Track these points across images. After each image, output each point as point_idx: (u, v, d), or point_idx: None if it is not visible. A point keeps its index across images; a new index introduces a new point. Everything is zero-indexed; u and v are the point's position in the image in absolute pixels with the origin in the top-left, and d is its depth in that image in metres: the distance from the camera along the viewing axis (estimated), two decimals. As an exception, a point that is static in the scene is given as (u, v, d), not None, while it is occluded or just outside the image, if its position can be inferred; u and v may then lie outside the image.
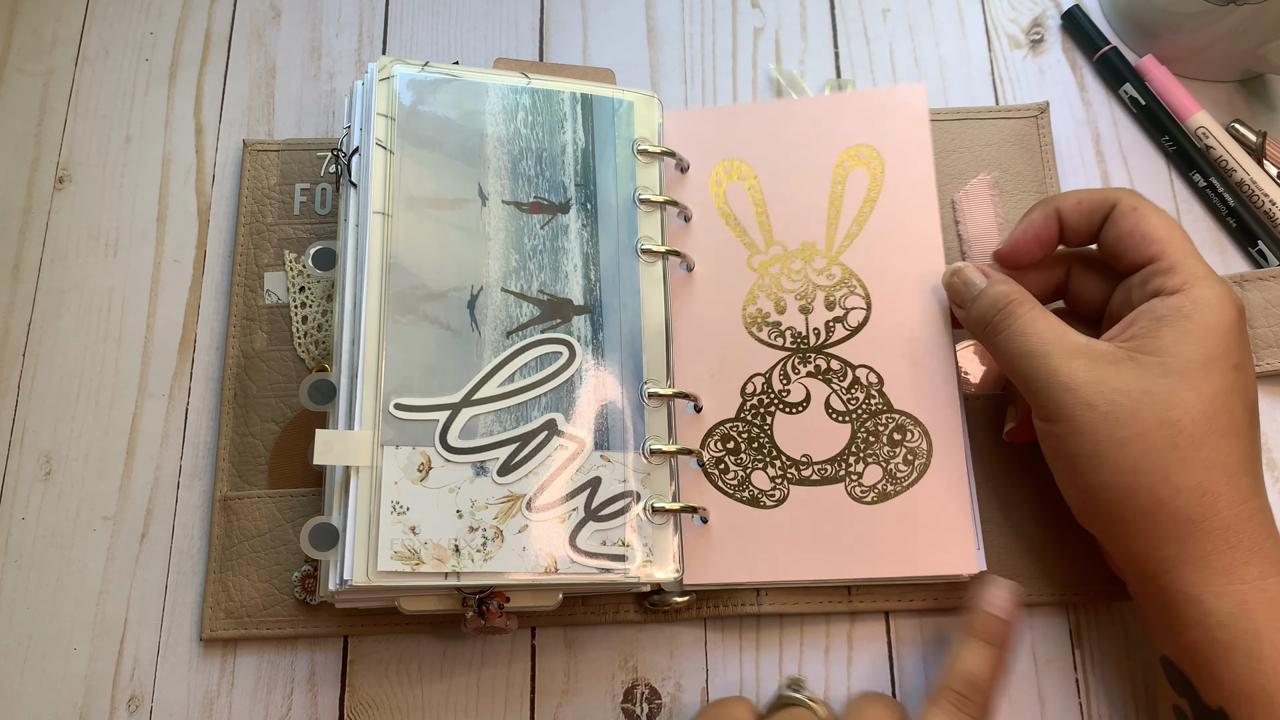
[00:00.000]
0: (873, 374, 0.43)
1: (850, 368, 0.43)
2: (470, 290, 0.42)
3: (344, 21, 0.54)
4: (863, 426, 0.43)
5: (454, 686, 0.44)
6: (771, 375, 0.44)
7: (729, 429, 0.44)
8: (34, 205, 0.51)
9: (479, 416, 0.41)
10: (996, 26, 0.54)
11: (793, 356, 0.44)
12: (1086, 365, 0.37)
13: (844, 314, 0.44)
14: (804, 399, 0.44)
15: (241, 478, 0.45)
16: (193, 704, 0.43)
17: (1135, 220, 0.40)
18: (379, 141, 0.43)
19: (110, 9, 0.54)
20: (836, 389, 0.43)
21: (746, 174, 0.46)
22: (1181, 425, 0.36)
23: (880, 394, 0.43)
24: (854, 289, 0.44)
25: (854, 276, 0.44)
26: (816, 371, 0.44)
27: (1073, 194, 0.41)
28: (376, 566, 0.38)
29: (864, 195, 0.45)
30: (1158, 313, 0.38)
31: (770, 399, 0.44)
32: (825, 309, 0.44)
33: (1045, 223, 0.42)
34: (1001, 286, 0.41)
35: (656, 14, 0.55)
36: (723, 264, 0.46)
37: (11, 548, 0.45)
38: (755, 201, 0.46)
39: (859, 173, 0.45)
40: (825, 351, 0.44)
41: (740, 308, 0.45)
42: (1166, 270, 0.39)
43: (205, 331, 0.49)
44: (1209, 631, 0.35)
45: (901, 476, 0.42)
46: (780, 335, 0.44)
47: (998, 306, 0.40)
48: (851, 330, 0.44)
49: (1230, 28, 0.49)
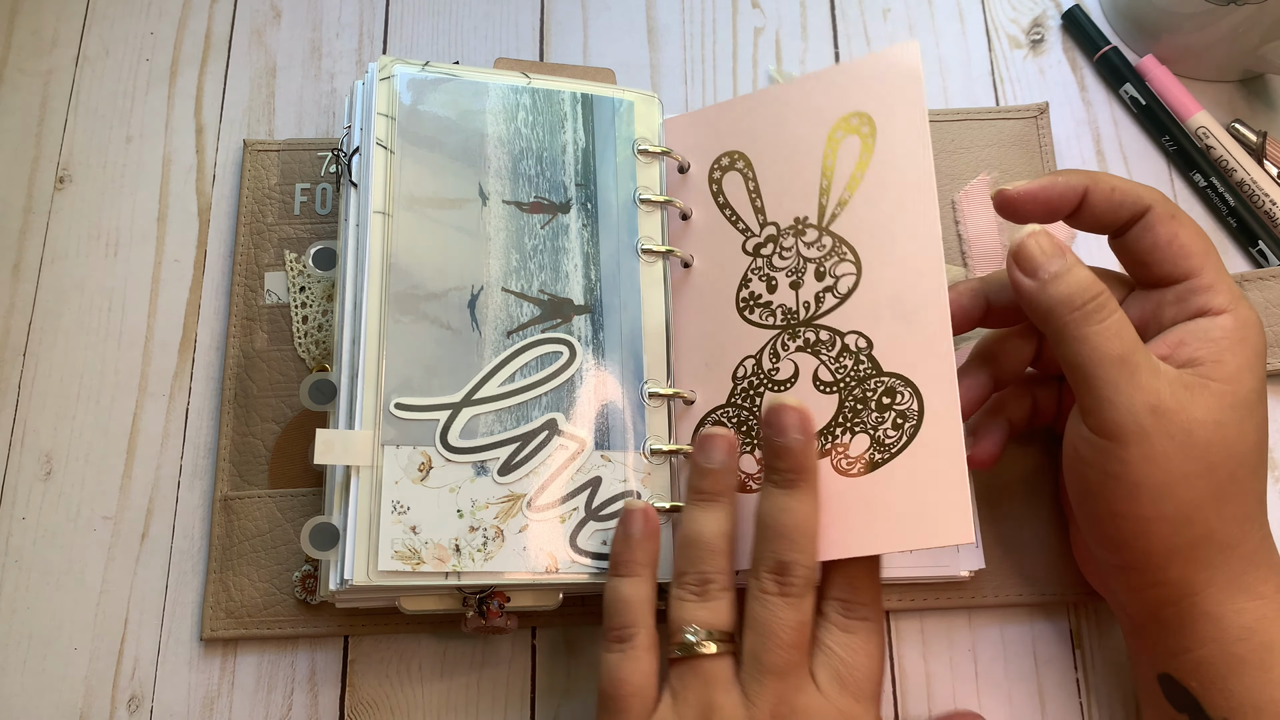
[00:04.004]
0: (862, 339, 0.40)
1: (839, 336, 0.41)
2: (470, 290, 0.42)
3: (344, 21, 0.54)
4: (850, 395, 0.40)
5: (454, 686, 0.44)
6: (762, 355, 0.42)
7: (719, 415, 0.43)
8: (34, 205, 0.51)
9: (479, 416, 0.41)
10: (997, 26, 0.54)
11: (783, 334, 0.42)
12: (1170, 388, 0.34)
13: (834, 282, 0.41)
14: (792, 375, 0.42)
15: (242, 477, 0.45)
16: (193, 704, 0.43)
17: (1174, 229, 0.37)
18: (379, 141, 0.43)
19: (110, 9, 0.54)
20: (825, 359, 0.41)
21: (741, 161, 0.45)
22: (1245, 458, 0.35)
23: (869, 358, 0.40)
24: (844, 256, 0.41)
25: (844, 243, 0.42)
26: (806, 345, 0.42)
27: (1108, 179, 0.38)
28: (377, 566, 0.38)
29: (855, 161, 0.42)
30: (1211, 335, 0.36)
31: (760, 380, 0.42)
32: (815, 280, 0.42)
33: (1068, 192, 0.38)
34: (1090, 272, 0.36)
35: (656, 14, 0.55)
36: (718, 254, 0.45)
37: (11, 548, 0.45)
38: (750, 187, 0.44)
39: (851, 140, 0.42)
40: (814, 324, 0.42)
41: (734, 294, 0.44)
42: (1208, 288, 0.36)
43: (205, 331, 0.49)
44: (1225, 646, 0.35)
45: (890, 443, 0.39)
46: (771, 314, 0.43)
47: (1090, 292, 0.35)
48: (841, 298, 0.41)
49: (1231, 28, 0.49)
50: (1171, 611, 0.36)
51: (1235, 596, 0.35)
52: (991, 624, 0.44)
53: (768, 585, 0.36)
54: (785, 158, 0.44)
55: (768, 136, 0.45)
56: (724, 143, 0.46)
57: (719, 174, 0.45)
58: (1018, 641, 0.44)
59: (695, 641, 0.36)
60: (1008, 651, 0.44)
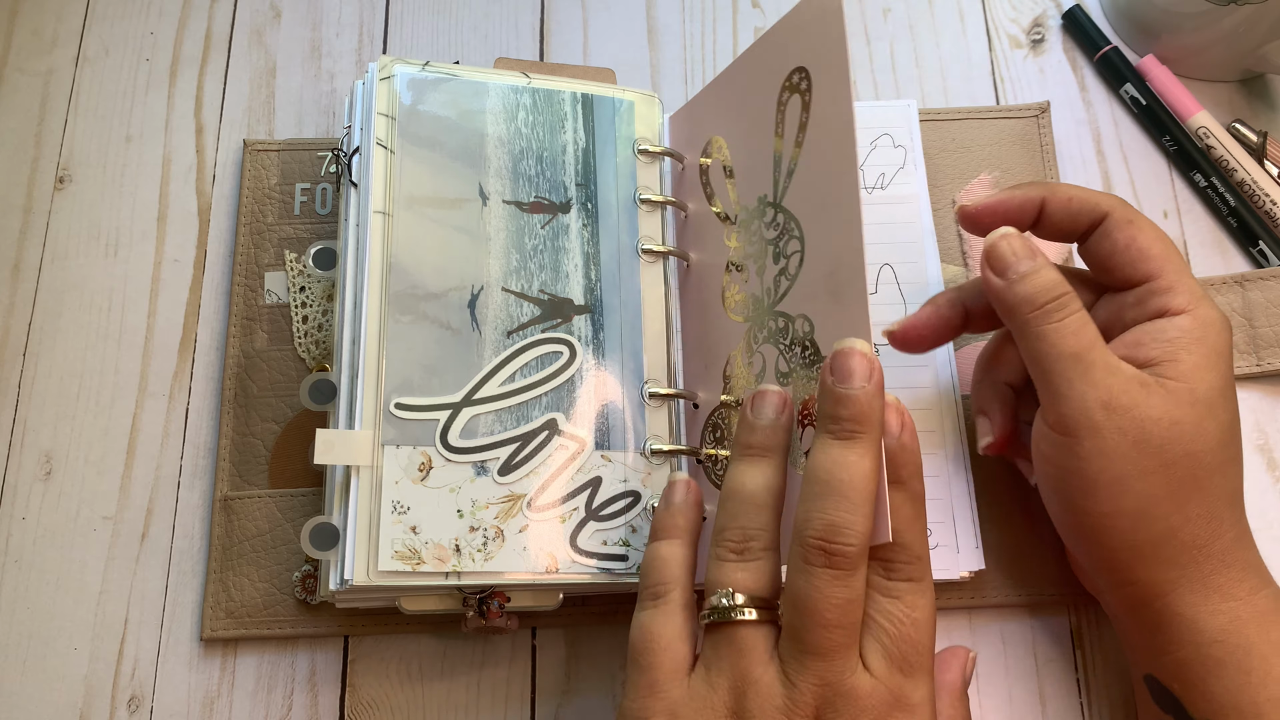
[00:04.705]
0: (806, 322, 0.38)
1: (790, 321, 0.38)
2: (471, 290, 0.42)
3: (344, 21, 0.54)
4: (803, 388, 0.37)
5: (454, 686, 0.44)
6: (740, 350, 0.41)
7: (716, 417, 0.42)
8: (34, 205, 0.51)
9: (480, 416, 0.41)
10: (997, 26, 0.54)
11: (753, 326, 0.41)
12: (1123, 385, 0.35)
13: (785, 263, 0.39)
14: (760, 369, 0.40)
15: (242, 477, 0.45)
16: (193, 704, 0.43)
17: (1131, 234, 0.38)
18: (379, 141, 0.43)
19: (110, 9, 0.54)
20: (781, 349, 0.39)
21: (720, 146, 0.44)
22: (1203, 457, 0.35)
23: (811, 343, 0.37)
24: (792, 233, 0.39)
25: (792, 219, 0.39)
26: (769, 335, 0.39)
27: (1065, 189, 0.39)
28: (377, 566, 0.38)
29: (798, 124, 0.39)
30: (1168, 334, 0.36)
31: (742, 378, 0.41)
32: (773, 263, 0.40)
33: (1026, 203, 0.39)
34: (1057, 273, 0.37)
35: (656, 14, 0.55)
36: (708, 249, 0.44)
37: (11, 548, 0.45)
38: (726, 172, 0.43)
39: (794, 101, 0.39)
40: (776, 310, 0.39)
41: (720, 289, 0.43)
42: (1167, 290, 0.37)
43: (205, 331, 0.49)
44: (1201, 649, 0.35)
45: None
46: (745, 306, 0.41)
47: (1053, 293, 0.36)
48: (792, 279, 0.39)
49: (1231, 27, 0.49)
50: (1146, 613, 0.36)
51: (1208, 598, 0.35)
52: (991, 624, 0.44)
53: (813, 555, 0.31)
54: (747, 132, 0.42)
55: (733, 114, 0.43)
56: (705, 130, 0.45)
57: (706, 163, 0.45)
58: (1018, 641, 0.44)
59: (730, 606, 0.32)
60: (1008, 651, 0.44)
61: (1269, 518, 0.45)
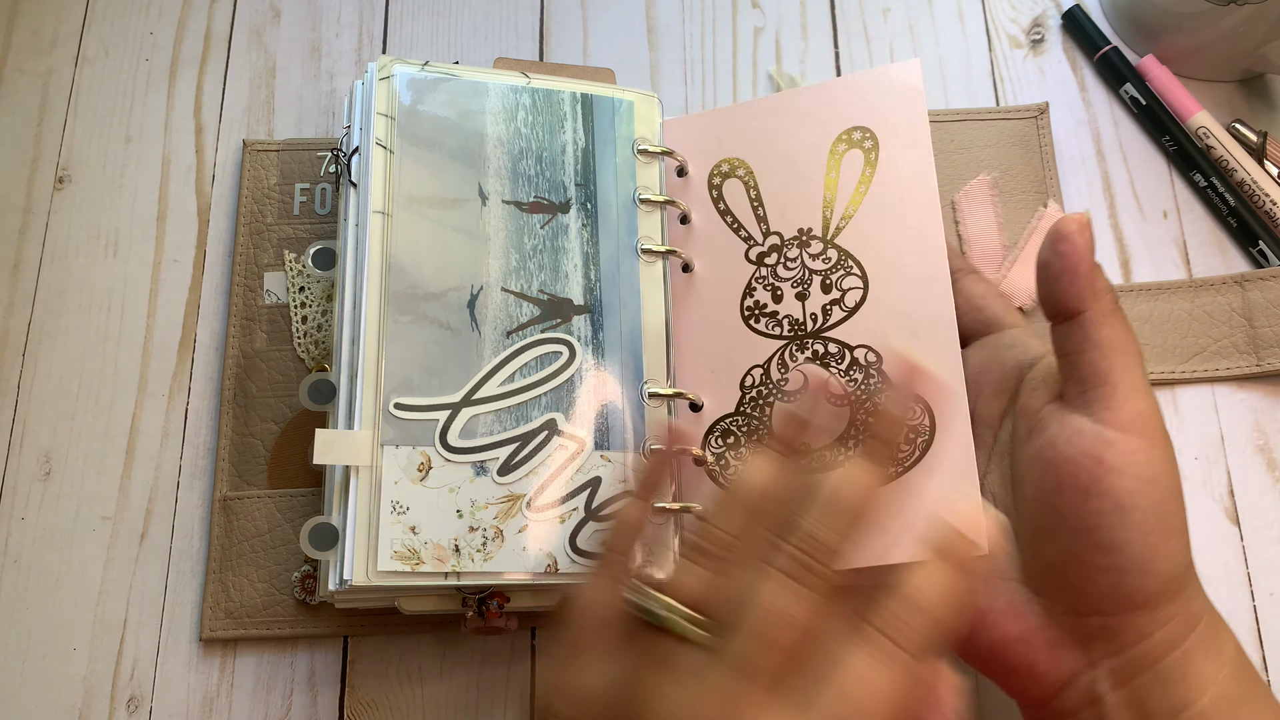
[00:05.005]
0: (871, 353, 0.42)
1: (848, 349, 0.42)
2: (470, 290, 0.42)
3: (344, 21, 0.54)
4: (862, 409, 0.41)
5: (454, 686, 0.44)
6: (770, 365, 0.43)
7: (729, 424, 0.43)
8: (34, 205, 0.51)
9: (479, 416, 0.41)
10: (997, 26, 0.54)
11: (790, 344, 0.43)
12: None
13: (841, 295, 0.43)
14: (801, 386, 0.43)
15: (241, 478, 0.45)
16: (192, 704, 0.43)
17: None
18: (379, 141, 0.43)
19: (110, 9, 0.54)
20: (834, 372, 0.42)
21: (742, 169, 0.45)
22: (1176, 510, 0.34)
23: (880, 372, 0.41)
24: (850, 270, 0.43)
25: (850, 257, 0.43)
26: (815, 357, 0.43)
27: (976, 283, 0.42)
28: (376, 566, 0.38)
29: (859, 176, 0.44)
30: None
31: (769, 389, 0.43)
32: (822, 293, 0.43)
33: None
34: None
35: (656, 14, 0.55)
36: (720, 260, 0.45)
37: (11, 548, 0.45)
38: (751, 195, 0.45)
39: (854, 154, 0.44)
40: (823, 336, 0.43)
41: (739, 302, 0.44)
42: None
43: (205, 331, 0.49)
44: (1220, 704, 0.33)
45: (902, 456, 0.40)
46: (778, 324, 0.43)
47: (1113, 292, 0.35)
48: (849, 311, 0.43)
49: (1231, 27, 0.49)
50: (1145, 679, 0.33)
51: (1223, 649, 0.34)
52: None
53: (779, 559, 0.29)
54: (786, 168, 0.45)
55: (769, 146, 0.45)
56: (723, 148, 0.46)
57: (719, 180, 0.46)
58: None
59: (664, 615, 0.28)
60: (1008, 652, 0.44)
61: (1269, 518, 0.45)
